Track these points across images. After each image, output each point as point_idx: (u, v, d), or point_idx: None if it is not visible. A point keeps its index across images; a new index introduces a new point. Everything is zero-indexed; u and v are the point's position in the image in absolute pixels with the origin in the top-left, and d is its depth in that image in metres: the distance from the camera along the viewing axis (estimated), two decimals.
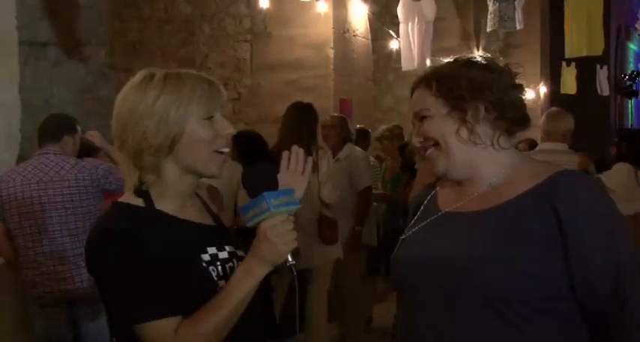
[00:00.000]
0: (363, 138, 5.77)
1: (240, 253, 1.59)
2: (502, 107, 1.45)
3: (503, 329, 1.35)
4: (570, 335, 1.38)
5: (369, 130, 6.16)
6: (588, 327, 1.39)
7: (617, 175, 4.31)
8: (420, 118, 1.50)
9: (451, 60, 1.54)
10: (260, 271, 1.44)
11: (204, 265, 1.49)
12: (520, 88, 1.51)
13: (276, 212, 1.40)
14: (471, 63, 1.50)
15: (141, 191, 1.48)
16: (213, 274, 1.50)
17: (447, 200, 1.55)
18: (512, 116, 1.47)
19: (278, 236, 1.40)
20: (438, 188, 1.61)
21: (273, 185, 1.43)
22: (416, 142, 1.52)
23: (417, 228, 1.57)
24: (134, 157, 1.46)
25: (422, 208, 1.62)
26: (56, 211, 3.35)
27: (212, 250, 1.53)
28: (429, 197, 1.62)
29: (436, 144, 1.48)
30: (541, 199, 1.38)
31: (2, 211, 3.40)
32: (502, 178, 1.46)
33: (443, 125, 1.46)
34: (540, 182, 1.40)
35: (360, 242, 4.82)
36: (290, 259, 1.43)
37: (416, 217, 1.61)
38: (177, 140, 1.46)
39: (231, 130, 1.55)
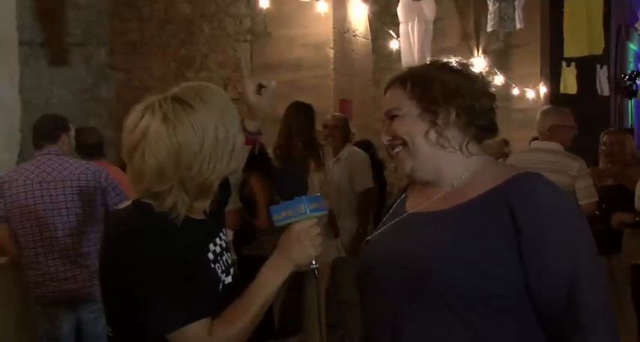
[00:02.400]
0: (365, 150, 5.31)
1: (222, 242, 1.61)
2: (473, 113, 1.47)
3: (458, 326, 1.36)
4: (525, 334, 1.38)
5: (371, 142, 5.91)
6: (542, 326, 1.39)
7: None
8: (391, 116, 1.51)
9: (427, 62, 1.57)
10: (287, 270, 1.47)
11: (211, 265, 1.52)
12: (492, 97, 1.52)
13: (311, 216, 1.44)
14: (446, 67, 1.52)
15: None
16: (219, 271, 1.52)
17: (414, 202, 1.57)
18: (481, 123, 1.49)
19: (310, 239, 1.45)
20: (408, 192, 1.63)
21: (305, 189, 1.46)
22: (384, 140, 1.54)
23: (382, 229, 1.60)
24: (198, 189, 1.44)
25: (391, 211, 1.64)
26: (58, 211, 3.36)
27: (212, 247, 1.55)
28: (398, 200, 1.65)
29: (404, 144, 1.50)
30: (499, 199, 1.39)
31: (7, 211, 3.40)
32: (465, 180, 1.48)
33: (413, 126, 1.48)
34: (500, 183, 1.42)
35: (362, 244, 4.81)
36: (314, 263, 1.48)
37: (384, 219, 1.64)
38: (233, 154, 1.49)
39: (242, 130, 1.61)
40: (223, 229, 1.67)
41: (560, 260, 1.35)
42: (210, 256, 1.52)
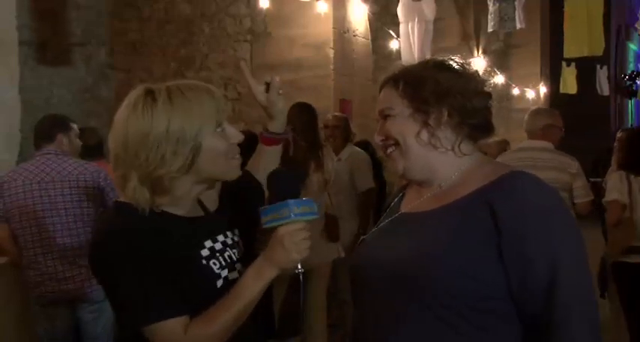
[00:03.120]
0: (364, 149, 5.28)
1: (228, 239, 1.61)
2: (465, 113, 1.45)
3: (443, 329, 1.35)
4: (509, 336, 1.37)
5: (370, 142, 5.90)
6: (524, 327, 1.37)
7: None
8: (384, 116, 1.50)
9: (422, 61, 1.54)
10: (270, 274, 1.46)
11: (203, 261, 1.52)
12: (486, 96, 1.49)
13: (296, 220, 1.42)
14: (441, 66, 1.49)
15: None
16: (215, 267, 1.52)
17: (408, 201, 1.56)
18: (474, 123, 1.46)
19: (294, 244, 1.43)
20: (406, 190, 1.62)
21: (296, 191, 1.45)
22: (377, 139, 1.53)
23: (376, 229, 1.59)
24: (150, 181, 1.45)
25: (388, 209, 1.64)
26: (56, 210, 3.37)
27: (208, 243, 1.55)
28: (396, 199, 1.64)
29: (396, 143, 1.49)
30: (483, 198, 1.37)
31: (6, 211, 3.41)
32: (456, 179, 1.46)
33: (404, 126, 1.47)
34: (486, 183, 1.40)
35: None
36: (299, 267, 1.45)
37: (381, 218, 1.63)
38: (196, 157, 1.46)
39: (240, 137, 1.57)
40: (234, 229, 1.66)
41: (540, 258, 1.32)
42: (205, 252, 1.53)
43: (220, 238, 1.59)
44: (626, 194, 3.85)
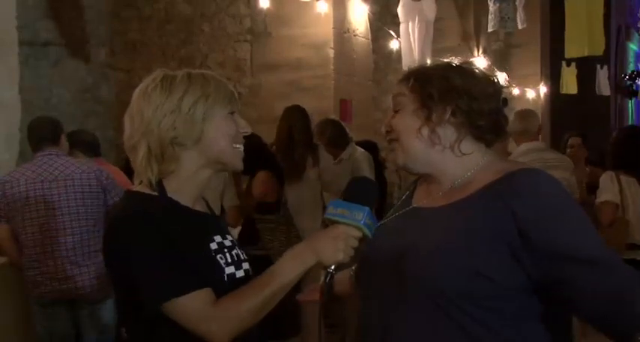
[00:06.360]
0: (367, 149, 5.26)
1: (230, 242, 1.61)
2: (470, 114, 1.46)
3: (447, 325, 1.35)
4: (512, 333, 1.37)
5: (376, 143, 5.85)
6: (549, 327, 1.37)
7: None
8: (395, 110, 1.54)
9: (441, 62, 1.56)
10: (310, 260, 1.45)
11: (212, 253, 1.52)
12: (497, 100, 1.50)
13: (360, 227, 1.43)
14: (453, 67, 1.52)
15: (155, 185, 1.51)
16: (222, 262, 1.53)
17: (420, 196, 1.58)
18: (481, 124, 1.47)
19: (345, 245, 1.43)
20: (417, 184, 1.63)
21: (372, 202, 1.47)
22: (383, 129, 1.57)
23: (386, 221, 1.60)
24: (159, 147, 1.48)
25: (399, 202, 1.65)
26: (59, 209, 3.37)
27: (218, 238, 1.56)
28: (407, 192, 1.65)
29: (398, 137, 1.52)
30: (496, 196, 1.37)
31: (8, 211, 3.41)
32: (468, 178, 1.47)
33: (408, 120, 1.49)
34: (496, 179, 1.40)
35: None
36: (332, 268, 1.46)
37: (392, 209, 1.64)
38: (204, 131, 1.51)
39: (249, 130, 1.61)
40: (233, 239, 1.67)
41: (562, 252, 1.31)
42: (214, 246, 1.53)
43: (229, 237, 1.60)
44: (618, 194, 3.91)
